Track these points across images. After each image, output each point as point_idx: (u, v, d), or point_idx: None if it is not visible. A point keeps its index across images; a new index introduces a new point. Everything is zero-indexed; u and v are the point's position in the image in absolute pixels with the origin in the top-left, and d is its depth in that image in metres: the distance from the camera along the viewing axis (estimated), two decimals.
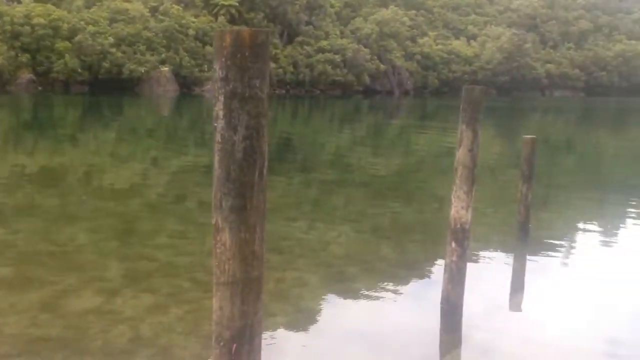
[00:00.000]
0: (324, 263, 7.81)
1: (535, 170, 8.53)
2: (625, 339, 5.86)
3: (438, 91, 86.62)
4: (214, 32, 2.56)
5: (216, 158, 2.58)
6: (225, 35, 2.46)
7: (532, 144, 8.00)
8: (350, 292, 6.72)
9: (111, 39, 58.41)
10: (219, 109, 2.52)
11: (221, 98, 2.50)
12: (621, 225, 11.30)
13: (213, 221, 2.65)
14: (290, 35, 77.13)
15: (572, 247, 9.48)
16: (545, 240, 9.34)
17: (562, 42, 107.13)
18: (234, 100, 2.48)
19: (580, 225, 11.16)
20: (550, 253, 8.81)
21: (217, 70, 2.48)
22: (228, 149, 2.52)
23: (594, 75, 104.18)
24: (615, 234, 10.47)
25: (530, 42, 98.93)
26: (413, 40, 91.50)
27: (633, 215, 12.28)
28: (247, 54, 2.45)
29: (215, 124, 2.56)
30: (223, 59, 2.46)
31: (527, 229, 8.77)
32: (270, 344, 5.21)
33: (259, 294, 2.71)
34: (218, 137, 2.54)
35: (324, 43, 78.21)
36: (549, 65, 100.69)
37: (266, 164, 2.61)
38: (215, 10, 71.28)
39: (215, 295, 2.70)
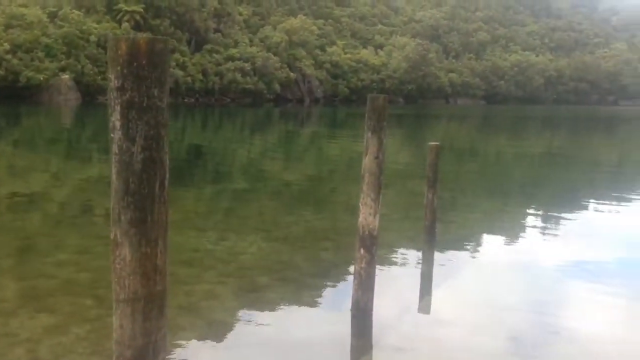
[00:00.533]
0: (235, 274, 7.70)
1: (439, 176, 8.83)
2: (527, 335, 6.16)
3: (348, 99, 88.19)
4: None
5: (114, 170, 2.47)
6: (120, 43, 2.37)
7: (436, 150, 8.28)
8: (261, 302, 6.65)
9: (6, 45, 55.30)
10: (115, 120, 2.42)
11: (117, 108, 2.40)
12: (522, 226, 11.91)
13: (111, 235, 2.53)
14: (198, 43, 76.04)
15: (477, 249, 9.88)
16: (452, 243, 9.68)
17: (464, 53, 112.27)
18: (132, 110, 2.39)
19: (485, 227, 11.66)
20: (456, 255, 9.15)
21: (113, 80, 2.39)
22: (126, 160, 2.42)
23: (493, 84, 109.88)
24: (517, 235, 11.03)
25: (434, 52, 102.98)
26: (322, 49, 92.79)
27: (532, 216, 13.01)
28: (144, 62, 2.37)
29: (112, 135, 2.45)
30: (118, 68, 2.37)
31: (433, 233, 9.05)
32: (179, 359, 5.07)
33: (163, 309, 2.61)
34: (115, 149, 2.44)
35: (233, 51, 77.72)
36: (451, 75, 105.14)
37: (167, 175, 2.53)
38: (119, 16, 69.14)
39: (115, 313, 2.58)
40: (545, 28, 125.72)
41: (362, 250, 4.88)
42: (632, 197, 15.68)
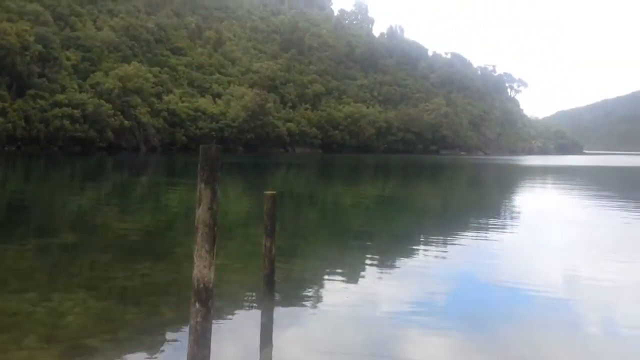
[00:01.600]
0: (58, 338, 7.04)
1: (279, 224, 8.90)
2: None
3: (186, 147, 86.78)
4: None
5: None
6: None
7: (272, 199, 8.36)
8: None
9: None
10: None
11: None
12: (360, 270, 12.34)
13: None
14: (20, 87, 70.69)
15: (317, 296, 10.02)
16: (292, 291, 9.74)
17: (300, 103, 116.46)
18: None
19: (324, 273, 11.91)
20: (296, 303, 9.21)
21: None
22: None
23: (329, 133, 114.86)
24: (356, 279, 11.42)
25: (272, 102, 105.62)
26: (158, 96, 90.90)
27: (369, 260, 13.54)
28: None
29: None
30: None
31: (272, 282, 9.04)
32: None
33: None
34: None
35: (60, 97, 73.31)
36: (289, 124, 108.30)
37: None
38: None
39: None
40: (374, 82, 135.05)
41: (197, 304, 4.71)
42: (456, 238, 16.99)
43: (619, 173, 69.52)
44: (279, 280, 9.46)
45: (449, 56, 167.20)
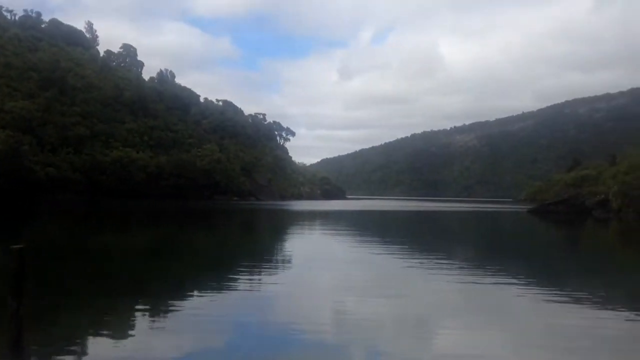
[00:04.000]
0: None
1: (34, 280, 7.73)
2: None
3: None
4: None
5: None
6: None
7: (19, 254, 7.23)
8: None
9: None
10: None
11: None
12: (132, 322, 11.47)
13: None
14: None
15: (77, 356, 8.99)
16: (46, 357, 8.54)
17: (62, 147, 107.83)
18: None
19: (87, 330, 10.87)
20: None
21: None
22: None
23: (96, 178, 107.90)
24: (127, 332, 10.67)
25: (28, 144, 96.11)
26: None
27: (141, 312, 12.63)
28: None
29: None
30: None
31: (20, 346, 7.77)
32: None
33: None
34: None
35: None
36: (49, 169, 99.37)
37: None
38: None
39: None
40: (144, 126, 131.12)
41: None
42: (230, 283, 16.79)
43: (376, 216, 76.42)
44: (34, 339, 8.25)
45: (220, 103, 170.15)
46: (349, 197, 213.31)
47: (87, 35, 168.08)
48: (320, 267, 21.23)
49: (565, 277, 21.03)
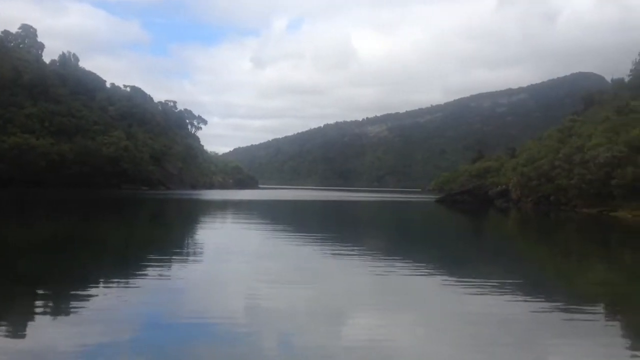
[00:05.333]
0: None
1: None
2: None
3: None
4: None
5: None
6: None
7: None
8: None
9: None
10: None
11: None
12: (31, 318, 11.07)
13: None
14: None
15: None
16: None
17: None
18: None
19: None
20: None
21: None
22: None
23: None
24: (25, 328, 10.23)
25: None
26: None
27: (41, 307, 11.98)
28: None
29: None
30: None
31: None
32: None
33: None
34: None
35: None
36: None
37: None
38: None
39: None
40: (45, 112, 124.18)
41: None
42: (139, 277, 16.21)
43: (289, 206, 76.68)
44: None
45: (128, 89, 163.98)
46: (262, 186, 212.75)
47: None
48: (232, 258, 20.96)
49: (470, 265, 21.94)
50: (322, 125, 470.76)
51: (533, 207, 74.01)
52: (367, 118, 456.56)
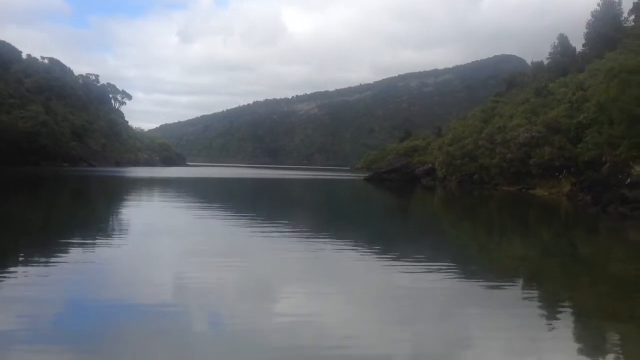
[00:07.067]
0: None
1: None
2: None
3: None
4: None
5: None
6: None
7: None
8: None
9: None
10: None
11: None
12: None
13: None
14: None
15: None
16: None
17: None
18: None
19: None
20: None
21: None
22: None
23: None
24: None
25: None
26: None
27: None
28: None
29: None
30: None
31: None
32: None
33: None
34: None
35: None
36: None
37: None
38: None
39: None
40: None
41: None
42: (60, 257, 15.63)
43: (217, 183, 75.79)
44: None
45: (46, 61, 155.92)
46: (190, 163, 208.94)
47: None
48: (159, 237, 20.53)
49: (398, 242, 22.43)
50: (251, 103, 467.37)
51: (457, 185, 76.42)
52: (296, 96, 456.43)
